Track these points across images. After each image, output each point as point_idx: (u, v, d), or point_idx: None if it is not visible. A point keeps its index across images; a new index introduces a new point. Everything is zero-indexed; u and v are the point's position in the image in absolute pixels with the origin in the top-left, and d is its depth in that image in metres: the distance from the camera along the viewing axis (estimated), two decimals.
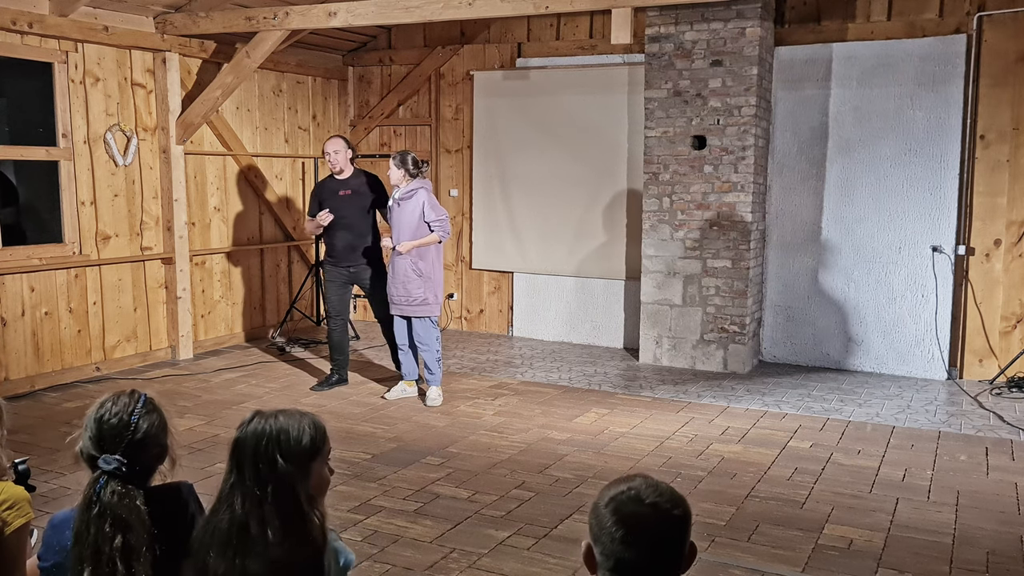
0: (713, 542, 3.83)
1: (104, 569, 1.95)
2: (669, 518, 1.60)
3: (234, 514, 1.96)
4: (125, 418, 2.05)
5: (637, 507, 1.59)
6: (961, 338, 6.76)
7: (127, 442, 2.03)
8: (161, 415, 2.15)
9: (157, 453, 2.11)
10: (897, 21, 6.78)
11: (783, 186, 7.22)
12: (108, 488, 1.99)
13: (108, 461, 2.00)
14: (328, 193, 6.26)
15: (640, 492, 1.61)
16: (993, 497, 4.38)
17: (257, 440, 1.99)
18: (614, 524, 1.58)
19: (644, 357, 7.34)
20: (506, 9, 6.05)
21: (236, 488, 1.98)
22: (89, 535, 1.97)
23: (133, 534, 1.97)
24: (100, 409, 2.08)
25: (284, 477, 1.98)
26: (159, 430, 2.11)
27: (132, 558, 1.96)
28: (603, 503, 1.62)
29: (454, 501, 4.27)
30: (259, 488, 1.97)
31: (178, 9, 6.85)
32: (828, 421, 5.68)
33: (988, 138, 6.52)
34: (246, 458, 1.98)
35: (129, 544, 1.96)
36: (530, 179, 8.19)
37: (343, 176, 6.27)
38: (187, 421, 5.52)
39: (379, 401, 6.11)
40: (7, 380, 6.02)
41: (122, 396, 2.11)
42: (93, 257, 6.61)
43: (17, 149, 6.30)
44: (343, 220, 6.17)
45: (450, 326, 8.80)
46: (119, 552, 1.95)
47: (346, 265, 6.25)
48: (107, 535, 1.96)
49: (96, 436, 2.04)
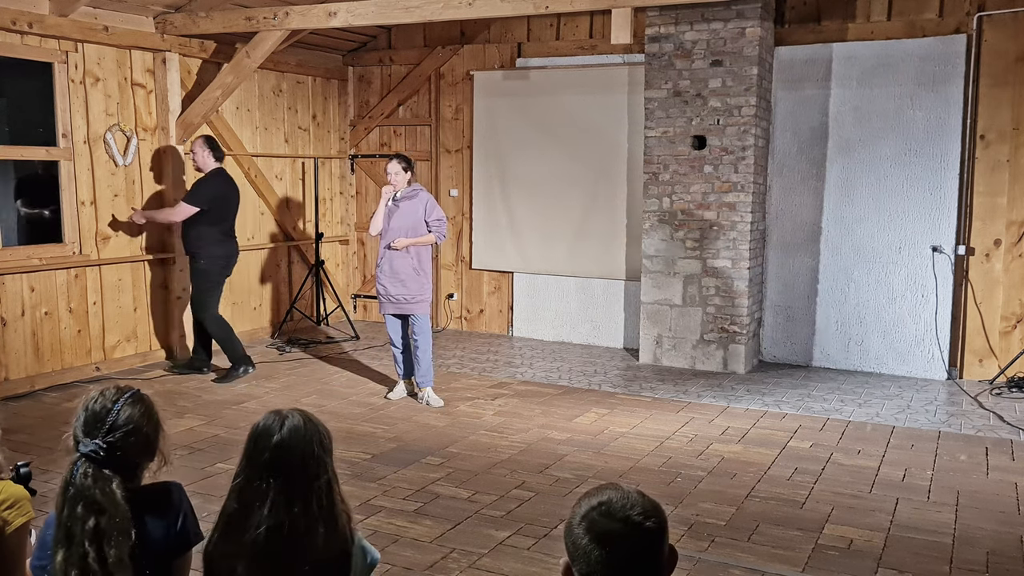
0: (713, 542, 3.83)
1: (76, 551, 1.96)
2: (643, 531, 1.55)
3: (277, 520, 1.94)
4: (108, 405, 2.07)
5: (610, 523, 1.54)
6: (961, 338, 6.76)
7: (107, 427, 2.04)
8: (150, 410, 2.14)
9: (140, 443, 2.09)
10: (897, 21, 6.78)
11: (783, 186, 7.22)
12: (82, 470, 2.00)
13: (86, 444, 2.02)
14: None
15: (612, 506, 1.56)
16: (993, 497, 4.38)
17: (299, 438, 2.00)
18: (589, 543, 1.54)
19: (644, 357, 7.34)
20: (506, 9, 6.05)
21: (271, 493, 1.96)
22: (63, 517, 1.98)
23: (105, 517, 1.97)
24: (87, 399, 2.11)
25: (328, 471, 2.02)
26: (143, 422, 2.10)
27: (103, 541, 1.96)
28: (576, 521, 1.58)
29: (454, 501, 4.27)
30: (306, 488, 1.97)
31: (178, 9, 6.85)
32: (828, 421, 5.68)
33: (988, 138, 6.52)
34: (294, 459, 1.98)
35: (100, 527, 1.96)
36: (530, 179, 8.19)
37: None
38: (187, 421, 5.52)
39: (379, 401, 6.11)
40: (7, 380, 6.02)
41: (112, 388, 2.14)
42: (93, 257, 6.61)
43: (17, 149, 6.29)
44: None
45: (450, 326, 8.80)
46: (90, 534, 1.96)
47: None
48: (78, 516, 1.97)
49: (81, 423, 2.07)
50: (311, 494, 1.98)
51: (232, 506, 2.00)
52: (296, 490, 1.97)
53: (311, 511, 1.97)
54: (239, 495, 2.00)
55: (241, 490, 2.00)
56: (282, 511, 1.95)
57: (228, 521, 1.99)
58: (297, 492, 1.97)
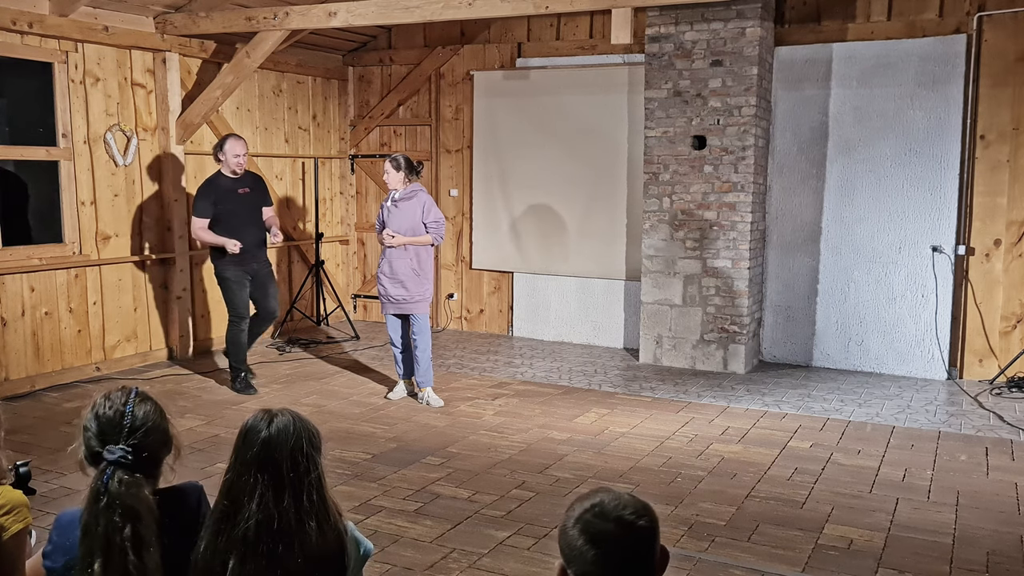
0: (713, 542, 3.83)
1: (116, 560, 1.94)
2: (637, 529, 1.61)
3: (267, 514, 1.96)
4: (121, 408, 2.06)
5: (603, 523, 1.60)
6: (961, 338, 6.76)
7: (127, 430, 2.03)
8: (156, 404, 2.15)
9: (160, 440, 2.11)
10: (897, 21, 6.78)
11: (783, 186, 7.22)
12: (115, 478, 1.99)
13: (112, 451, 2.00)
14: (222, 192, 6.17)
15: (604, 508, 1.62)
16: (993, 497, 4.38)
17: (288, 435, 2.01)
18: (584, 543, 1.59)
19: (644, 357, 7.34)
20: (506, 9, 6.05)
21: (259, 487, 1.97)
22: (99, 527, 1.96)
23: (142, 523, 1.97)
24: (95, 407, 2.09)
25: (318, 468, 2.03)
26: (157, 416, 2.11)
27: (142, 548, 1.96)
28: (570, 524, 1.63)
29: (454, 501, 4.28)
30: (296, 483, 1.98)
31: (178, 9, 6.85)
32: (828, 421, 5.68)
33: (988, 138, 6.52)
34: (283, 455, 1.99)
35: (139, 533, 1.96)
36: (530, 179, 8.19)
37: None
38: (187, 421, 5.52)
39: (379, 401, 6.11)
40: (7, 380, 6.02)
41: (114, 392, 2.13)
42: (93, 257, 6.61)
43: (17, 149, 6.29)
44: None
45: (450, 326, 8.80)
46: (130, 542, 1.95)
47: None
48: (117, 525, 1.95)
49: (97, 432, 2.05)
50: (301, 489, 1.99)
51: (222, 503, 2.01)
52: (285, 485, 1.98)
53: (302, 506, 1.98)
54: (229, 491, 2.01)
55: (231, 486, 2.00)
56: (272, 505, 1.96)
57: (219, 518, 2.00)
58: (286, 487, 1.98)
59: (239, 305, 6.19)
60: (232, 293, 6.17)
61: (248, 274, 6.19)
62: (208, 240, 6.09)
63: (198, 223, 6.07)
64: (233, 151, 6.11)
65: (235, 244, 5.96)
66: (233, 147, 6.12)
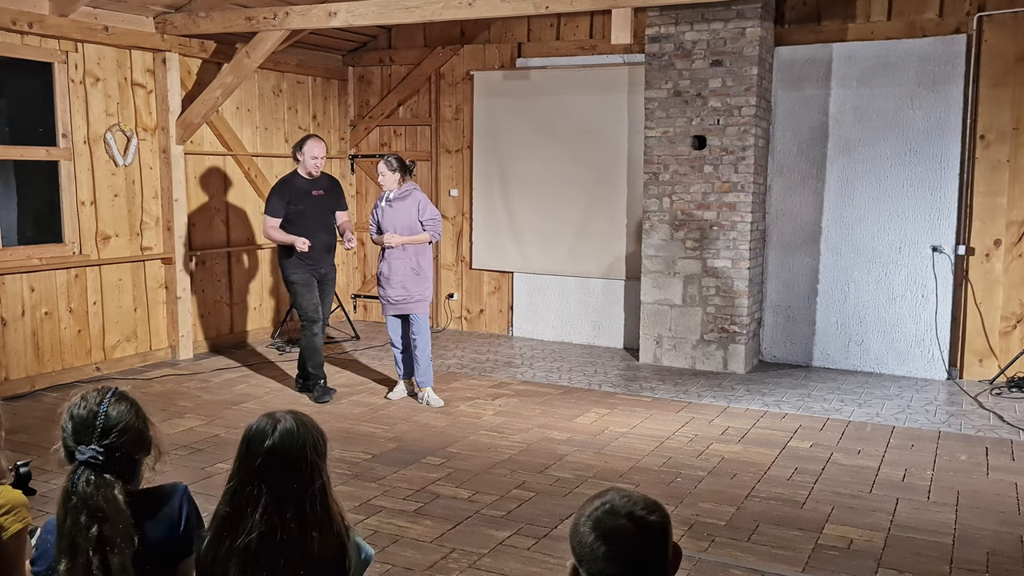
0: (713, 542, 3.83)
1: (78, 560, 1.94)
2: (649, 526, 1.60)
3: (270, 525, 1.93)
4: (94, 408, 2.05)
5: (616, 520, 1.59)
6: (961, 338, 6.76)
7: (100, 431, 2.02)
8: (135, 405, 2.13)
9: (135, 440, 2.09)
10: (897, 21, 6.78)
11: (783, 186, 7.22)
12: (83, 478, 1.98)
13: (83, 451, 2.00)
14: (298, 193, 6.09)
15: (616, 505, 1.61)
16: (993, 497, 4.38)
17: (292, 444, 1.98)
18: (596, 540, 1.58)
19: (644, 357, 7.34)
20: (506, 9, 6.05)
21: (263, 498, 1.95)
22: (66, 527, 1.96)
23: (109, 524, 1.96)
24: (71, 407, 2.08)
25: (322, 476, 2.01)
26: (132, 417, 2.09)
27: (107, 549, 1.95)
28: (582, 522, 1.62)
29: (454, 501, 4.28)
30: (300, 493, 1.96)
31: (178, 9, 6.85)
32: (828, 421, 5.68)
33: (988, 138, 6.52)
34: (287, 465, 1.96)
35: (104, 535, 1.95)
36: (530, 179, 8.19)
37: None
38: (187, 421, 5.52)
39: (379, 401, 6.11)
40: (7, 380, 6.02)
41: (90, 392, 2.12)
42: (93, 257, 6.61)
43: (17, 149, 6.29)
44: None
45: (450, 326, 8.80)
46: (94, 543, 1.94)
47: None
48: (82, 525, 1.95)
49: (71, 431, 2.04)
50: (305, 500, 1.97)
51: (225, 510, 1.99)
52: (289, 496, 1.96)
53: (305, 516, 1.96)
54: (232, 499, 1.98)
55: (234, 494, 1.98)
56: (275, 517, 1.94)
57: (221, 524, 1.98)
58: (290, 498, 1.96)
59: (308, 308, 6.06)
60: (300, 296, 6.06)
61: (315, 277, 6.11)
62: (277, 239, 6.01)
63: (270, 222, 5.99)
64: (311, 152, 6.01)
65: (304, 242, 5.86)
66: (312, 148, 6.02)
